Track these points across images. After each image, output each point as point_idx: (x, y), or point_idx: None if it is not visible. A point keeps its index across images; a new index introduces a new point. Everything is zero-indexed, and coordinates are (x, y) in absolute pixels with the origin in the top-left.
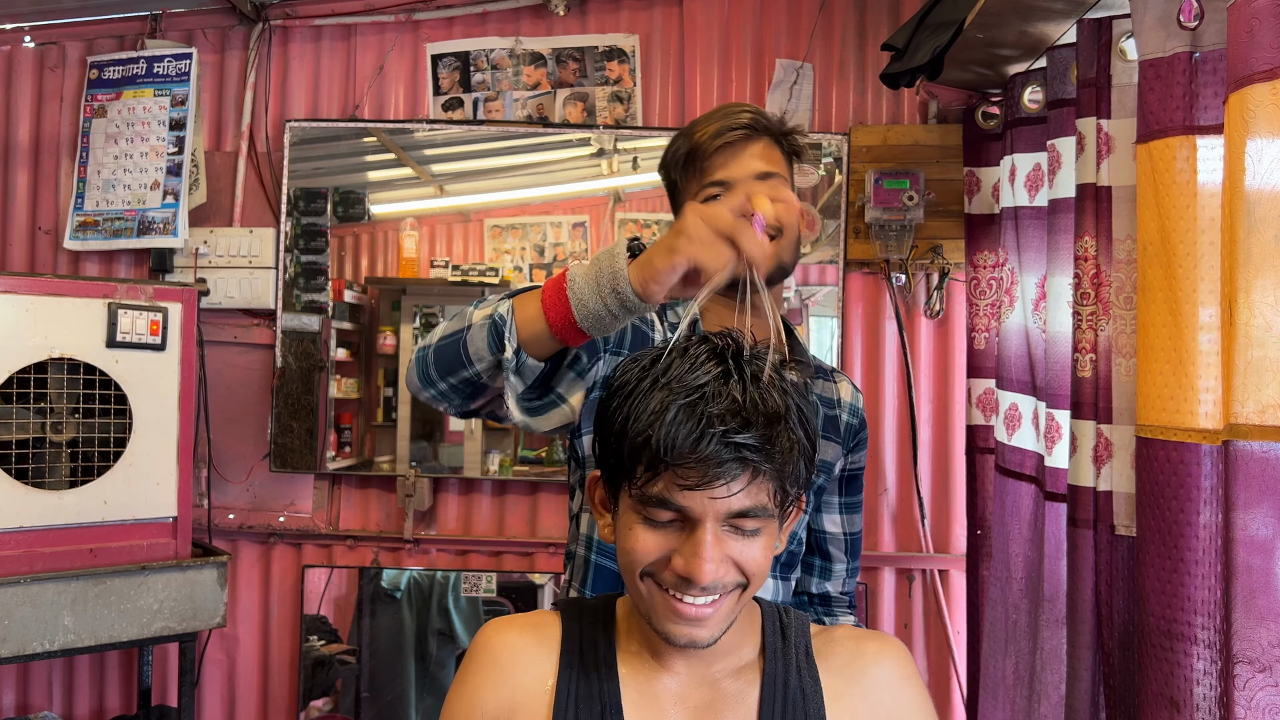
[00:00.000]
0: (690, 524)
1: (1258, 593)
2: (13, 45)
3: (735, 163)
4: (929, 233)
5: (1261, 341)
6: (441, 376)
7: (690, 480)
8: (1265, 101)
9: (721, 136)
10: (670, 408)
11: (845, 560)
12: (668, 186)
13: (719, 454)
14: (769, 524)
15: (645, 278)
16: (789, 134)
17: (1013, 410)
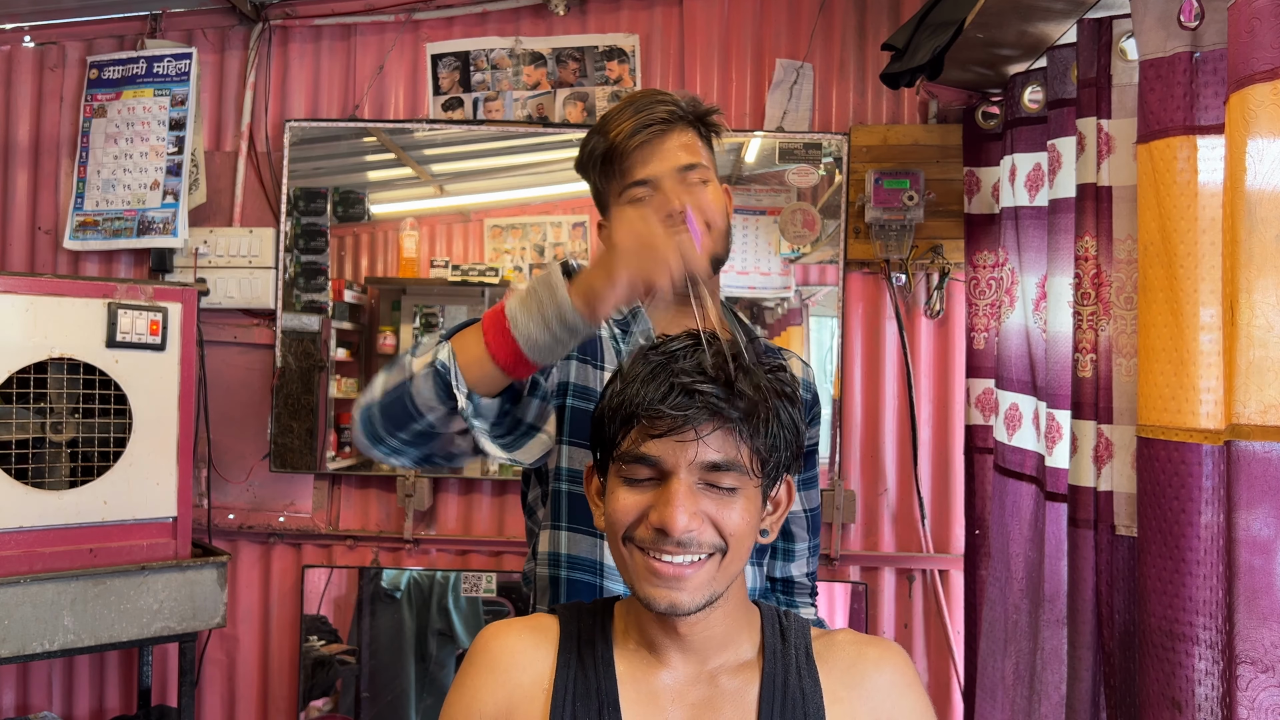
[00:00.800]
0: (665, 478)
1: (1260, 593)
2: (12, 45)
3: (655, 158)
4: (929, 233)
5: (1263, 341)
6: (391, 433)
7: (659, 429)
8: (1266, 101)
9: (638, 135)
10: (643, 372)
11: (806, 538)
12: (590, 186)
13: (684, 402)
14: (747, 485)
15: (590, 301)
16: (705, 115)
17: (1013, 410)
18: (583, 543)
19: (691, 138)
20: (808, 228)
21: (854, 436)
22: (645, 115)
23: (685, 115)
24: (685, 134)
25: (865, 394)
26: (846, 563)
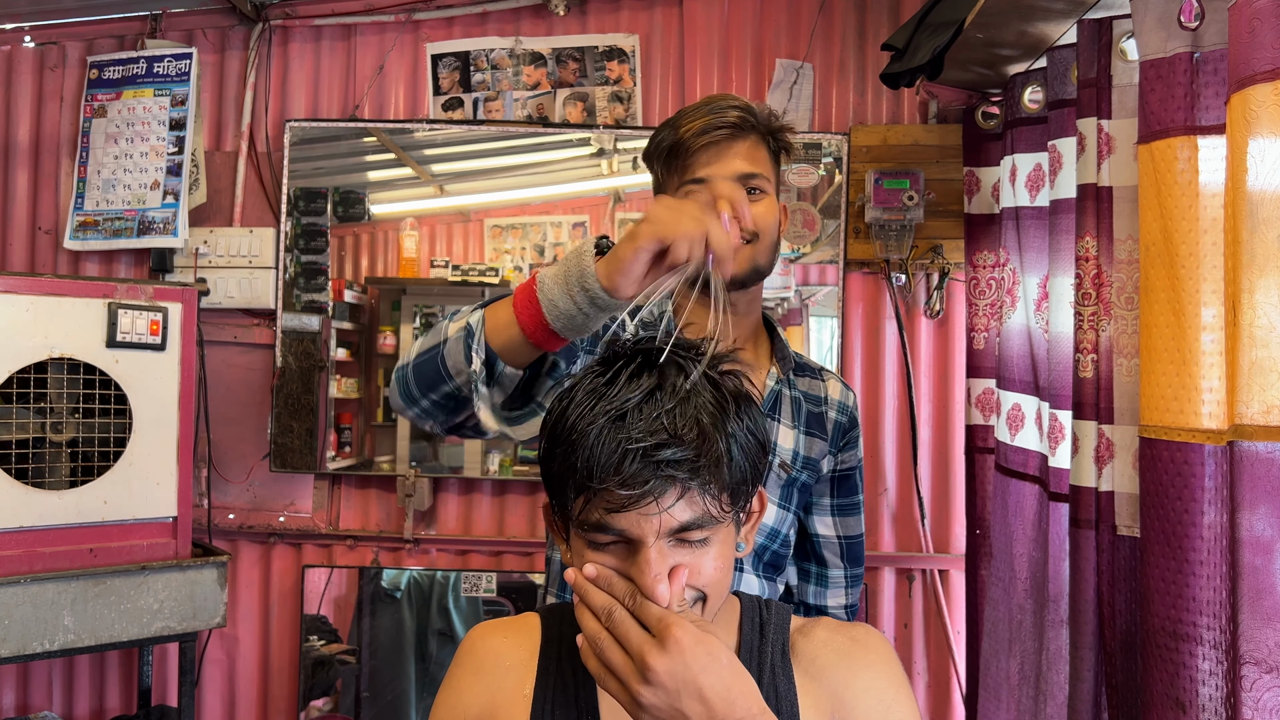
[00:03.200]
0: (634, 544)
1: (1264, 593)
2: (13, 45)
3: (719, 162)
4: (929, 233)
5: (1265, 342)
6: (423, 393)
7: (619, 502)
8: (1267, 102)
9: (706, 135)
10: (591, 431)
11: (842, 566)
12: (653, 177)
13: (642, 473)
14: (719, 531)
15: (611, 270)
16: (777, 132)
17: (1015, 410)
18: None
19: (758, 148)
20: (808, 228)
21: None
22: (717, 117)
23: (757, 125)
24: (753, 143)
25: (865, 394)
26: None
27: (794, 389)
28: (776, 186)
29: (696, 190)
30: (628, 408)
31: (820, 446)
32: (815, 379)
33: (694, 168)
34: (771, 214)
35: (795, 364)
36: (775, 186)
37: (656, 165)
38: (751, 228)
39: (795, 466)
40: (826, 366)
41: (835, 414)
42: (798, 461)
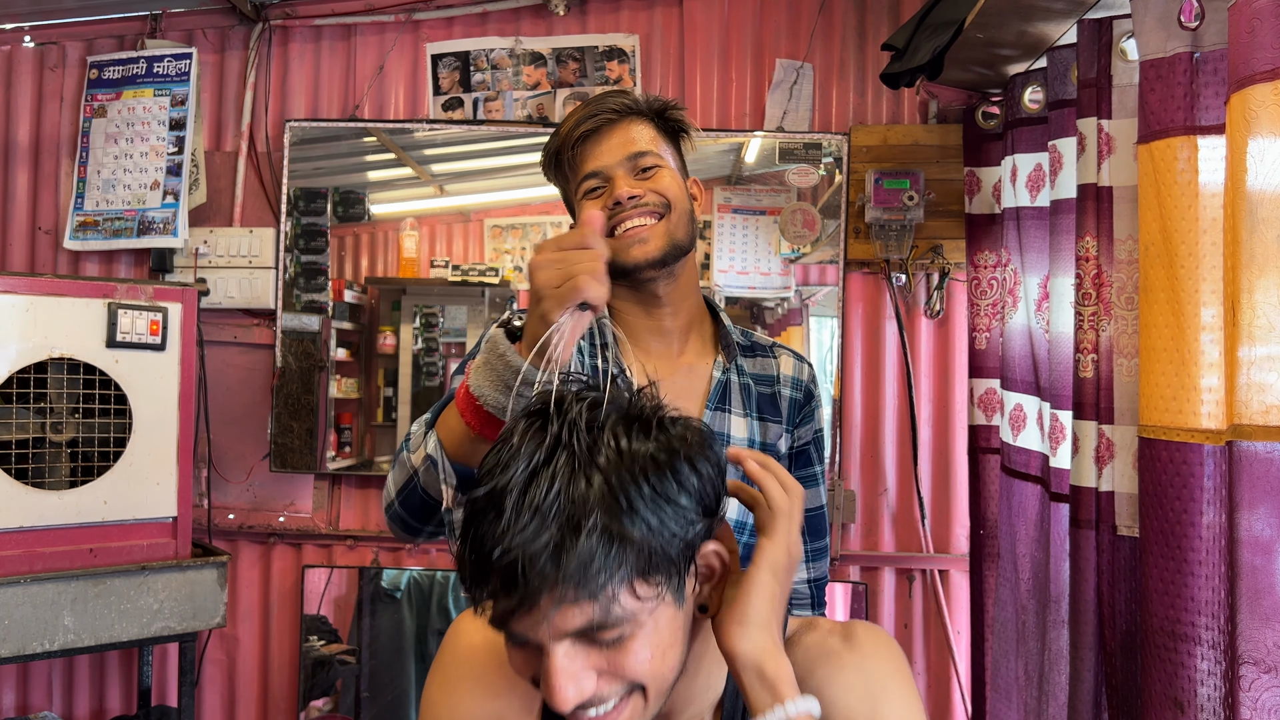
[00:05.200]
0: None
1: (1262, 593)
2: (13, 45)
3: (604, 149)
4: (929, 233)
5: (1265, 341)
6: (423, 523)
7: (507, 610)
8: (1267, 102)
9: (582, 125)
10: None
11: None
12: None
13: (520, 584)
14: (640, 616)
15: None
16: (665, 111)
17: (1017, 411)
18: None
19: (644, 128)
20: (808, 228)
21: (854, 436)
22: (594, 107)
23: (639, 109)
24: (637, 124)
25: (865, 394)
26: (846, 563)
27: (743, 374)
28: (681, 163)
29: (596, 184)
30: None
31: (775, 429)
32: (766, 357)
33: (583, 163)
34: (676, 184)
35: (743, 345)
36: (678, 162)
37: (553, 175)
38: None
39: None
40: (779, 342)
41: (789, 391)
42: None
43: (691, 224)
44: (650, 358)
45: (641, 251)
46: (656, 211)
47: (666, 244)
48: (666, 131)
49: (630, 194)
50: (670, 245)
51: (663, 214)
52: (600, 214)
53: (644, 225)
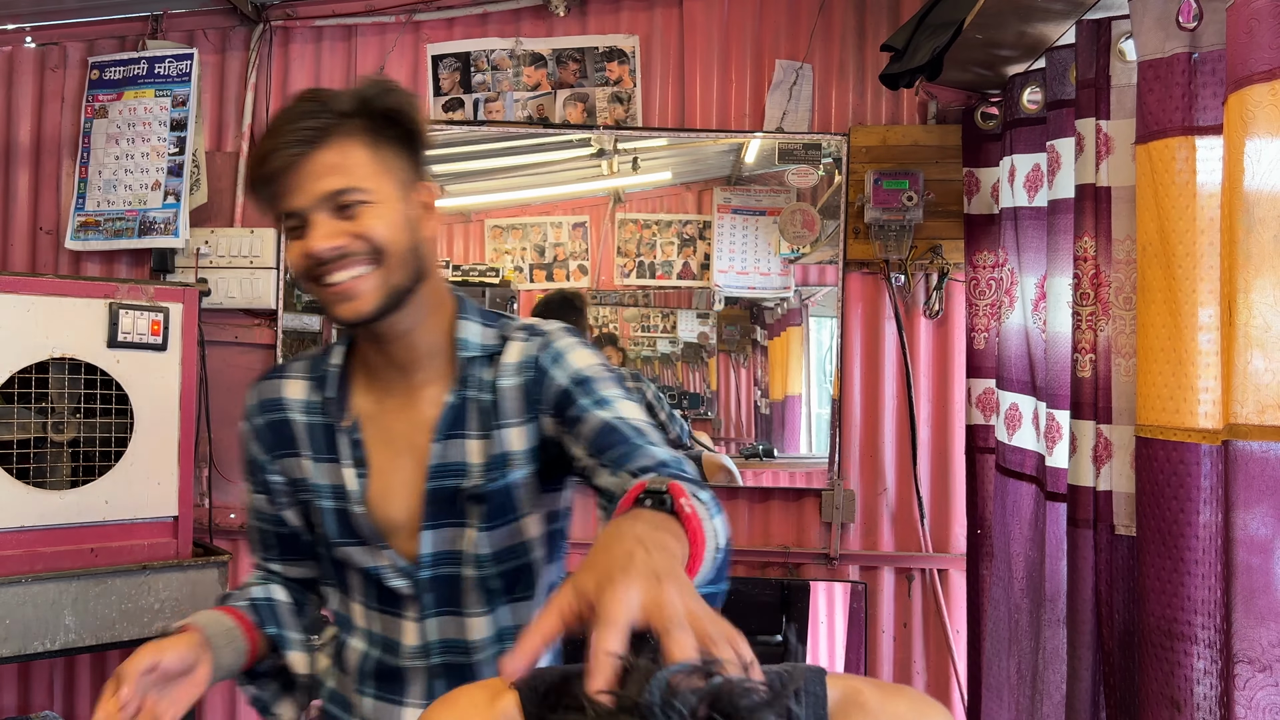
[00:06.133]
0: None
1: (1258, 592)
2: (14, 45)
3: (296, 185)
4: (928, 233)
5: (1261, 341)
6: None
7: None
8: (1264, 102)
9: (276, 159)
10: None
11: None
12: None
13: None
14: None
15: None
16: (379, 108)
17: (1013, 410)
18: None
19: (350, 149)
20: (807, 228)
21: (853, 436)
22: (285, 135)
23: (342, 120)
24: (340, 147)
25: (865, 394)
26: (846, 562)
27: (483, 389)
28: (410, 167)
29: (297, 225)
30: None
31: (520, 431)
32: (486, 366)
33: (282, 199)
34: (388, 220)
35: (485, 356)
36: (402, 173)
37: (260, 202)
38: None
39: (481, 475)
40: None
41: (518, 379)
42: (486, 467)
43: (417, 257)
44: (389, 394)
45: (351, 310)
46: (365, 259)
47: (382, 296)
48: (385, 135)
49: (329, 247)
50: (387, 295)
51: (376, 261)
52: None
53: (353, 279)
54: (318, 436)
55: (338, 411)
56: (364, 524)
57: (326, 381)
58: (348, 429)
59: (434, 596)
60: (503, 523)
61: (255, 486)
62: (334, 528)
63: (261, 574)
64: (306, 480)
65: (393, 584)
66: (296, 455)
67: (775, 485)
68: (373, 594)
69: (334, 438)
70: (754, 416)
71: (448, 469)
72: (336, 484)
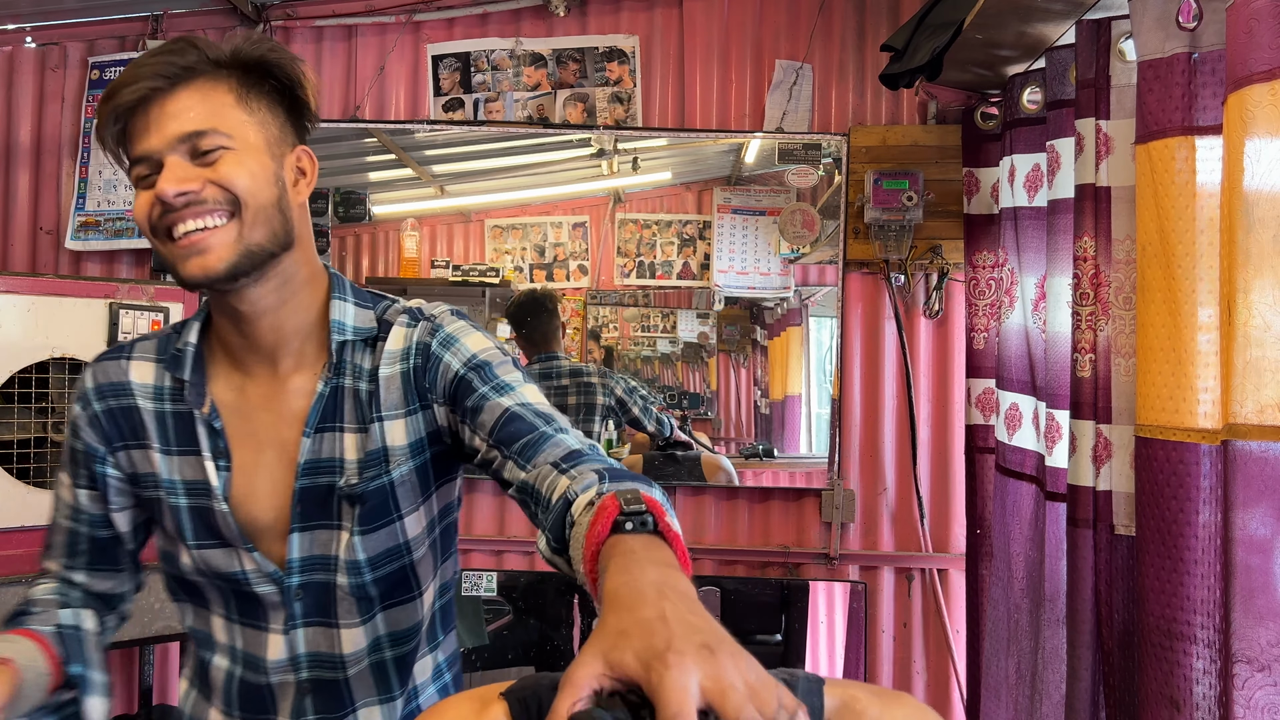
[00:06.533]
0: None
1: (1257, 592)
2: (14, 46)
3: (153, 125)
4: (928, 233)
5: (1260, 341)
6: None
7: None
8: (1264, 102)
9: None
10: None
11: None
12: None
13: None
14: None
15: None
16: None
17: (1013, 410)
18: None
19: (214, 92)
20: (807, 228)
21: (853, 436)
22: (145, 69)
23: (211, 66)
24: (204, 90)
25: (864, 394)
26: (846, 562)
27: (359, 377)
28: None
29: (148, 173)
30: None
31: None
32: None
33: (132, 140)
34: (250, 170)
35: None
36: (277, 130)
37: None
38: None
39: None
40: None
41: (400, 365)
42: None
43: (284, 217)
44: (251, 381)
45: (200, 265)
46: (221, 210)
47: (236, 253)
48: (258, 89)
49: (180, 190)
50: (242, 254)
51: (233, 212)
52: None
53: (205, 231)
54: (170, 426)
55: (196, 397)
56: (228, 523)
57: (182, 363)
58: (206, 417)
59: (303, 605)
60: (381, 525)
61: (80, 481)
62: (190, 528)
63: (59, 585)
64: (155, 475)
65: (258, 590)
66: (144, 447)
67: (775, 485)
68: (233, 605)
69: (191, 427)
70: (754, 416)
71: (320, 466)
72: (195, 479)
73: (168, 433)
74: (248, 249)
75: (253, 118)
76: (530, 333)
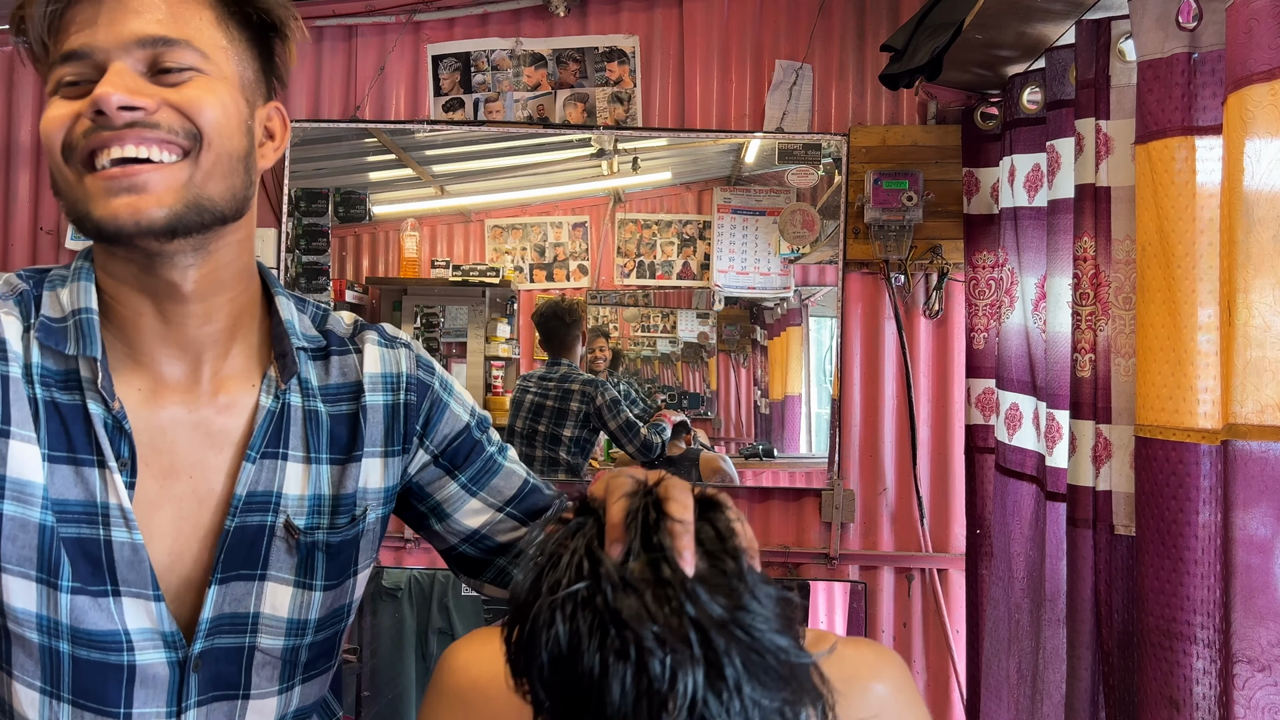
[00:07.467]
0: None
1: (1257, 592)
2: (14, 46)
3: (104, 21)
4: (928, 233)
5: (1260, 342)
6: None
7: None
8: (1264, 102)
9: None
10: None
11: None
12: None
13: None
14: None
15: None
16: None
17: (1013, 410)
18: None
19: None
20: (807, 228)
21: (853, 436)
22: None
23: None
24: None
25: (864, 394)
26: (845, 562)
27: (310, 394)
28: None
29: (73, 74)
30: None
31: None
32: (345, 353)
33: (65, 29)
34: (223, 104)
35: (311, 348)
36: (243, 72)
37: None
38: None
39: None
40: (368, 323)
41: (384, 397)
42: (314, 511)
43: (247, 177)
44: (161, 383)
45: (129, 206)
46: (175, 143)
47: (184, 201)
48: (238, 18)
49: (127, 103)
50: (190, 204)
51: (188, 149)
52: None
53: (146, 165)
54: (48, 420)
55: (107, 386)
56: (138, 561)
57: (83, 337)
58: (117, 414)
59: (202, 678)
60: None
61: None
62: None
63: None
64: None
65: (138, 660)
66: (5, 435)
67: (775, 485)
68: (64, 678)
69: (78, 426)
70: (754, 416)
71: (256, 501)
72: (78, 499)
73: (48, 426)
74: (198, 200)
75: (232, 46)
76: (547, 340)
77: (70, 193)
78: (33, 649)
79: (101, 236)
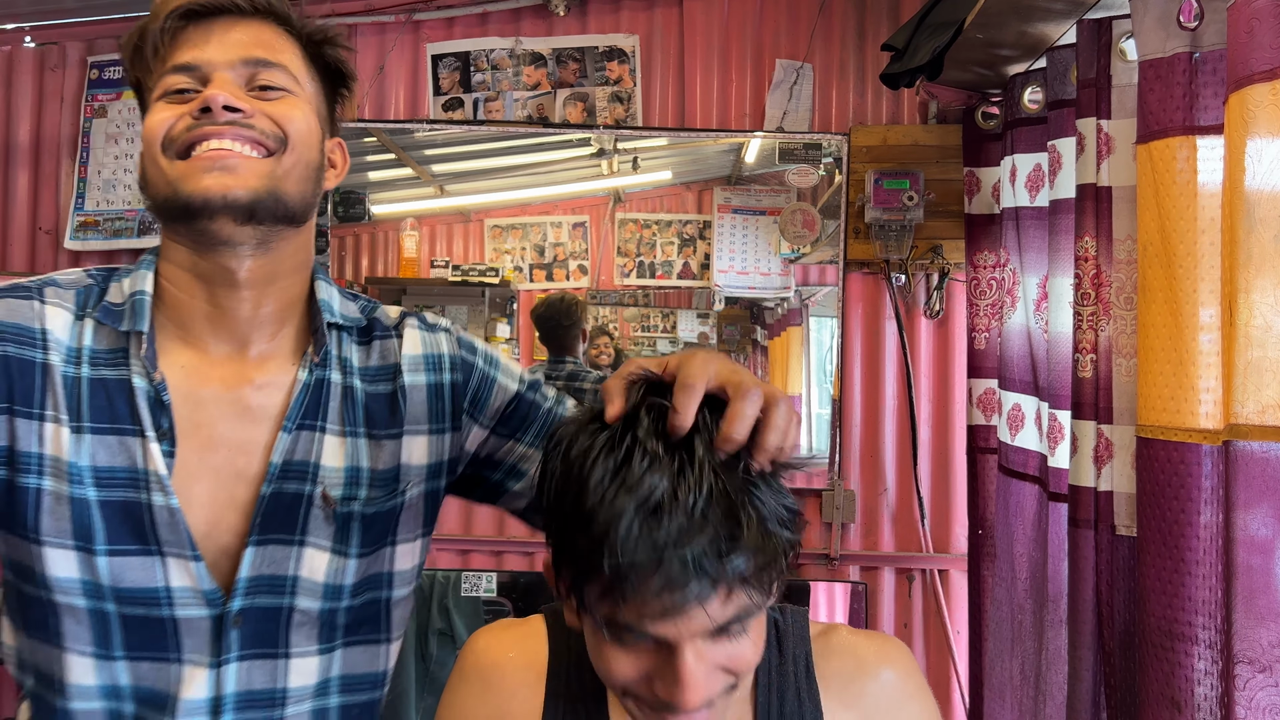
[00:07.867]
0: (667, 647)
1: (1258, 593)
2: (13, 45)
3: (215, 40)
4: (929, 233)
5: (1261, 342)
6: None
7: (654, 610)
8: (1265, 102)
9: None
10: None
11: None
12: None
13: (682, 578)
14: (759, 615)
15: None
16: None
17: (1015, 410)
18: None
19: (274, 36)
20: (807, 228)
21: (854, 436)
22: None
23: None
24: (266, 29)
25: (865, 394)
26: (846, 562)
27: (350, 371)
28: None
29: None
30: (658, 498)
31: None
32: (388, 338)
33: (179, 51)
34: (301, 117)
35: (353, 327)
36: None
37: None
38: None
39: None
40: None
41: (426, 377)
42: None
43: (315, 187)
44: (206, 360)
45: (220, 182)
46: (264, 144)
47: (266, 185)
48: (319, 70)
49: (231, 103)
50: (269, 192)
51: (274, 150)
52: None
53: (236, 152)
54: (85, 397)
55: (150, 360)
56: (175, 524)
57: (136, 315)
58: (156, 386)
59: (240, 635)
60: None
61: None
62: (104, 528)
63: None
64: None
65: (178, 615)
66: (37, 418)
67: None
68: (117, 636)
69: (123, 399)
70: None
71: (292, 470)
72: (118, 465)
73: (80, 405)
74: (276, 191)
75: (313, 83)
76: (547, 338)
77: (160, 178)
78: (82, 615)
79: (188, 212)
